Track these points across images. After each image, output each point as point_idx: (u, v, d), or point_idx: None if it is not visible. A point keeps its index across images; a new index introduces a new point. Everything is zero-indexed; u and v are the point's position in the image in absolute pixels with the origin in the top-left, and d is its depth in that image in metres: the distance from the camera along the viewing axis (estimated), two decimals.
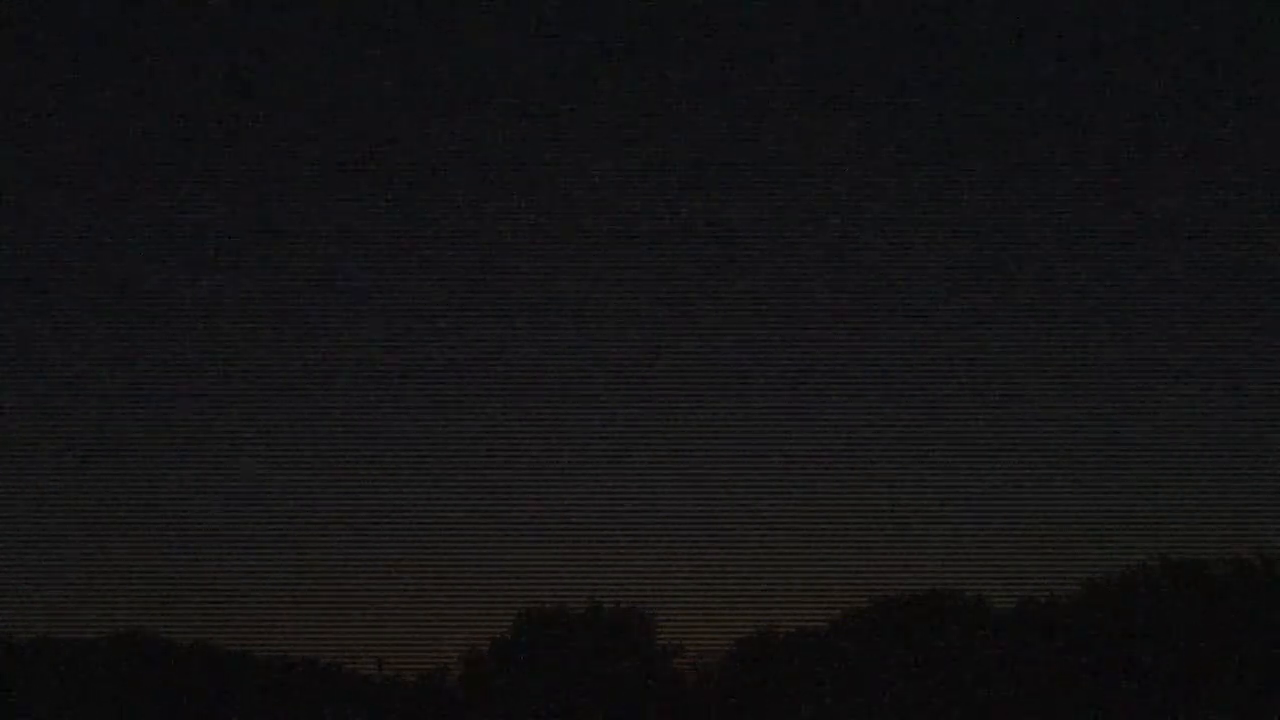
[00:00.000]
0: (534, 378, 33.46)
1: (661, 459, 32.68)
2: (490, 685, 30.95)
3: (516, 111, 34.50)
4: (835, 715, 29.93)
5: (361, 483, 32.76)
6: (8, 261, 33.66)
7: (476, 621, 31.47)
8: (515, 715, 30.39)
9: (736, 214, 34.04)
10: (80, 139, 34.24)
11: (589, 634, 31.17)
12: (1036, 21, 34.47)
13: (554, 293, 33.69)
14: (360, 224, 34.06)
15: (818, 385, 33.17)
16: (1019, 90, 34.40)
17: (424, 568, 31.84)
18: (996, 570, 31.32)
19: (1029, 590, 31.02)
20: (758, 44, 34.72)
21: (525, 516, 32.26)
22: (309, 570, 31.76)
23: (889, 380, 33.17)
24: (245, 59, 34.15)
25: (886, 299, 33.48)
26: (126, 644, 30.70)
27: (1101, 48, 34.30)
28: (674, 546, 31.89)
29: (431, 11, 34.61)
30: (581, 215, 34.01)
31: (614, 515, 32.04)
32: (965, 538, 31.76)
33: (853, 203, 34.00)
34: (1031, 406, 33.01)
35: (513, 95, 34.50)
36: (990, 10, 34.46)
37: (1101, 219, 33.96)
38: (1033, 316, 33.32)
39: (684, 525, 32.12)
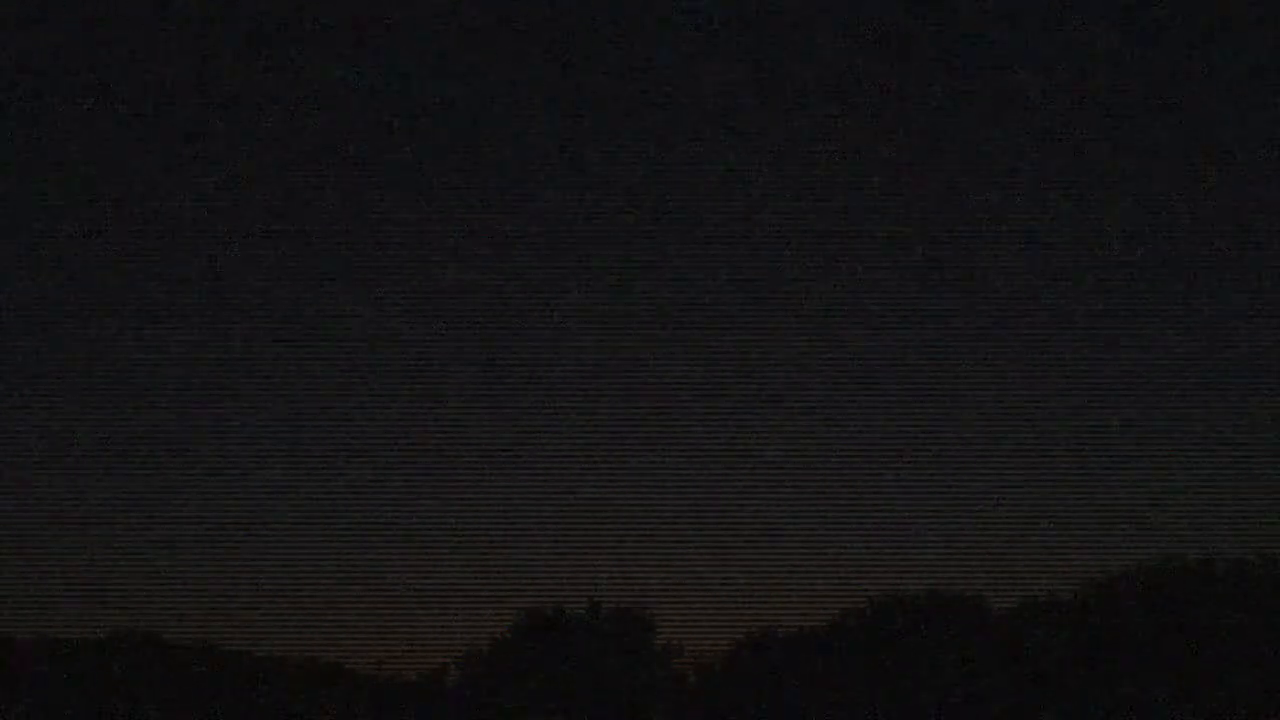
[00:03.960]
0: (535, 379, 33.50)
1: (662, 460, 32.73)
2: (490, 685, 30.94)
3: (527, 112, 34.54)
4: (835, 716, 29.91)
5: (362, 484, 32.81)
6: (6, 266, 33.71)
7: (476, 621, 31.53)
8: (515, 715, 30.38)
9: (741, 219, 34.09)
10: (88, 136, 34.28)
11: (589, 634, 31.17)
12: (1039, 22, 34.52)
13: (556, 295, 33.73)
14: (361, 228, 34.10)
15: (818, 387, 33.20)
16: (1024, 94, 34.44)
17: (424, 568, 31.89)
18: (996, 570, 31.35)
19: (1029, 590, 31.07)
20: (779, 47, 34.77)
21: (525, 517, 32.33)
22: (309, 570, 31.80)
23: (890, 382, 33.21)
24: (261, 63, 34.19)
25: (888, 302, 33.51)
26: (126, 644, 30.70)
27: (1100, 41, 34.35)
28: (674, 546, 31.94)
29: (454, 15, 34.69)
30: (586, 219, 34.06)
31: (614, 515, 32.10)
32: (965, 538, 31.80)
33: (855, 207, 34.04)
34: (1032, 408, 33.05)
35: (528, 97, 34.57)
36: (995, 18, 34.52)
37: (1103, 222, 33.99)
38: (1034, 319, 33.35)
39: (684, 525, 32.19)
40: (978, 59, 34.42)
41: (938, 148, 34.03)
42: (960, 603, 31.03)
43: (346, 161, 34.21)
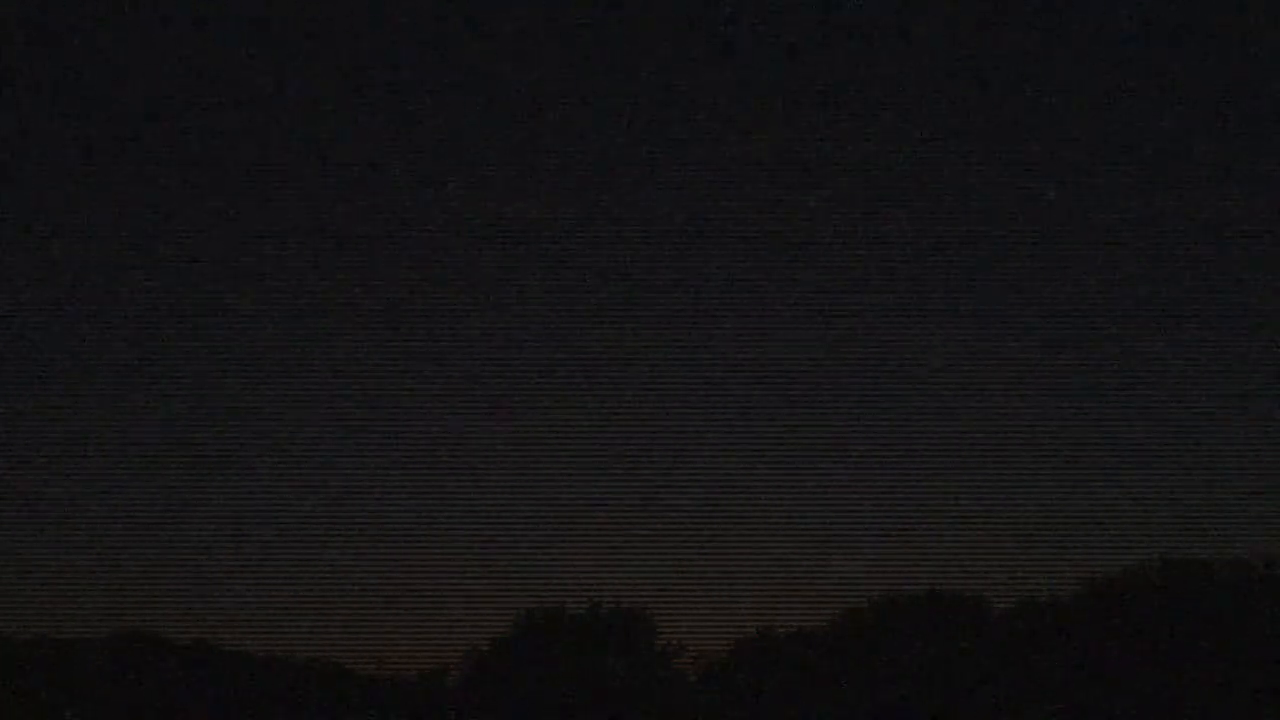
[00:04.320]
0: (535, 377, 33.47)
1: (662, 459, 32.70)
2: (490, 685, 30.96)
3: (524, 107, 34.53)
4: (835, 715, 29.92)
5: (361, 482, 32.77)
6: (8, 262, 33.70)
7: (476, 621, 31.51)
8: (515, 715, 30.39)
9: (742, 213, 34.06)
10: (94, 137, 34.28)
11: (589, 634, 31.18)
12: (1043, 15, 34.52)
13: (557, 291, 33.71)
14: (358, 221, 34.07)
15: (819, 387, 33.18)
16: (1025, 94, 34.44)
17: (424, 568, 31.86)
18: (996, 570, 31.34)
19: (1029, 590, 31.07)
20: (773, 44, 34.76)
21: (525, 516, 32.29)
22: (309, 570, 31.77)
23: (889, 381, 33.18)
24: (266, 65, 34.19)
25: (886, 299, 33.50)
26: (126, 644, 30.70)
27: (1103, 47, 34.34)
28: (674, 546, 31.91)
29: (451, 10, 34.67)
30: (587, 213, 34.03)
31: (614, 515, 32.07)
32: (965, 538, 31.78)
33: (853, 203, 34.03)
34: (1031, 406, 33.03)
35: (523, 90, 34.55)
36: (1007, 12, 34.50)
37: (1101, 219, 33.98)
38: (1033, 316, 33.33)
39: (684, 525, 32.15)
40: (978, 54, 34.43)
41: (942, 147, 34.03)
42: (960, 603, 31.05)
43: (349, 163, 34.22)
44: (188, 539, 32.12)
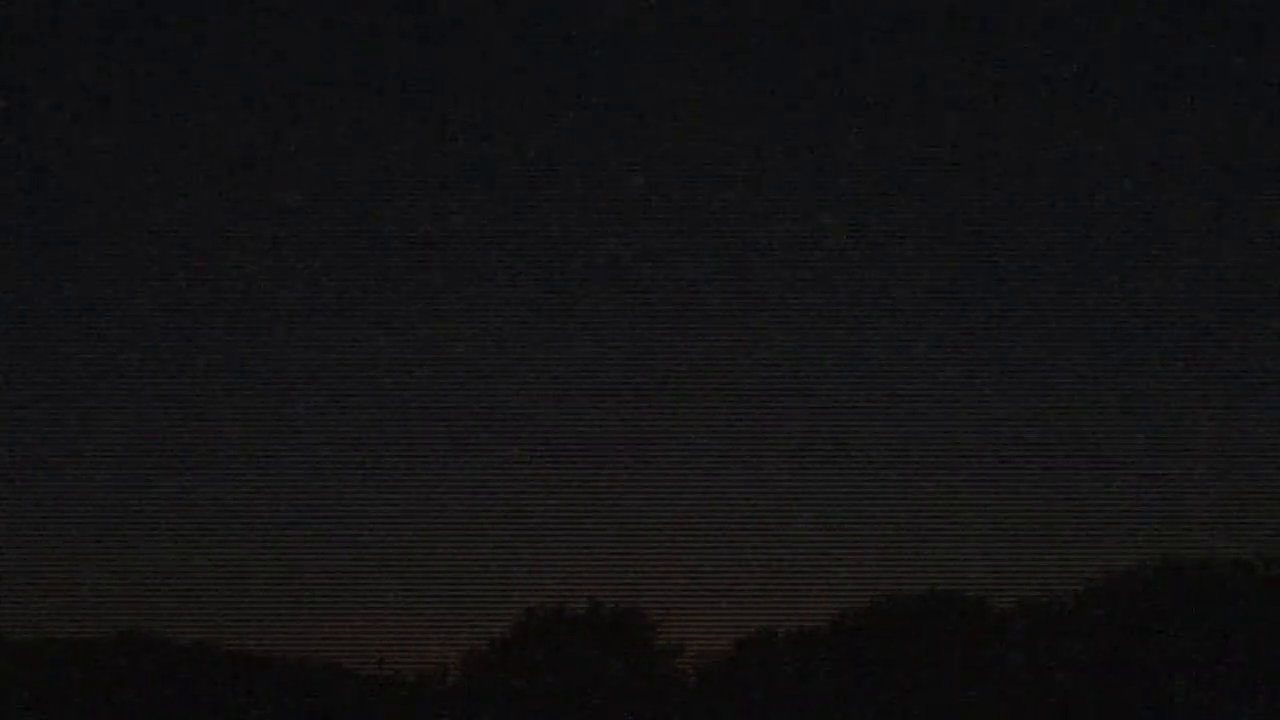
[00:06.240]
0: (534, 378, 33.50)
1: (663, 459, 32.72)
2: (490, 685, 30.98)
3: (522, 114, 34.54)
4: (835, 715, 29.95)
5: (361, 482, 32.80)
6: (8, 263, 33.71)
7: (476, 621, 31.54)
8: (515, 715, 30.41)
9: (742, 214, 34.08)
10: (88, 139, 34.30)
11: (589, 634, 31.20)
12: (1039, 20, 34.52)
13: (554, 291, 33.73)
14: (357, 221, 34.08)
15: (816, 385, 33.20)
16: (1020, 102, 34.45)
17: (424, 567, 31.89)
18: (996, 570, 31.36)
19: (1029, 590, 31.08)
20: (767, 45, 34.76)
21: (525, 516, 32.32)
22: (307, 569, 31.80)
23: (889, 380, 33.20)
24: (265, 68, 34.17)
25: (885, 298, 33.51)
26: (126, 644, 30.71)
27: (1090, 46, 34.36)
28: (674, 546, 31.93)
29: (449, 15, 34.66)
30: (586, 214, 34.05)
31: (614, 515, 32.09)
32: (965, 538, 31.80)
33: (855, 202, 34.03)
34: (1030, 406, 33.04)
35: (518, 98, 34.56)
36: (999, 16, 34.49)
37: (1102, 221, 34.00)
38: (1034, 316, 33.35)
39: (684, 525, 32.18)
40: (983, 53, 34.44)
41: (940, 146, 34.06)
42: (960, 603, 31.07)
43: (344, 162, 34.24)
44: (187, 539, 32.17)
